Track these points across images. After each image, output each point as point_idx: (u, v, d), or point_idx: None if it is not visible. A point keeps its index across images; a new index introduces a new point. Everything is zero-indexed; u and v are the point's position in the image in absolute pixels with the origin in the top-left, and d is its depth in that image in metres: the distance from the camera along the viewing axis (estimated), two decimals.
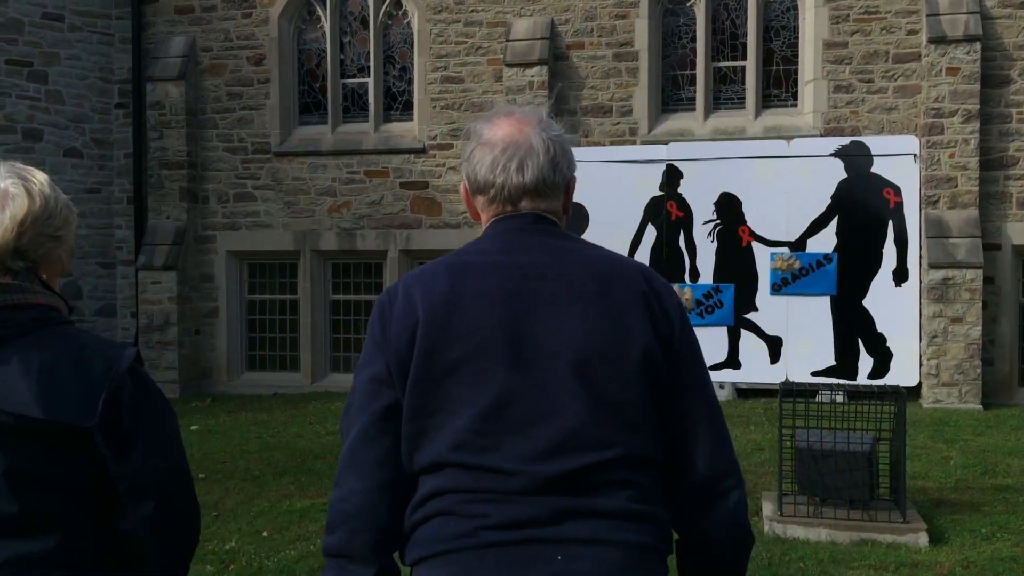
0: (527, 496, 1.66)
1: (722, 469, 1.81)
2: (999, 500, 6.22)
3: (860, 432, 5.91)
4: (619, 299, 1.76)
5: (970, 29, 10.39)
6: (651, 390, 1.75)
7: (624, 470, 1.71)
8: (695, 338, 1.85)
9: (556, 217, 1.89)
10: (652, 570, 1.71)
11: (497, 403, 1.69)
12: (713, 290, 11.17)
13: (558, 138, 1.88)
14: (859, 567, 5.01)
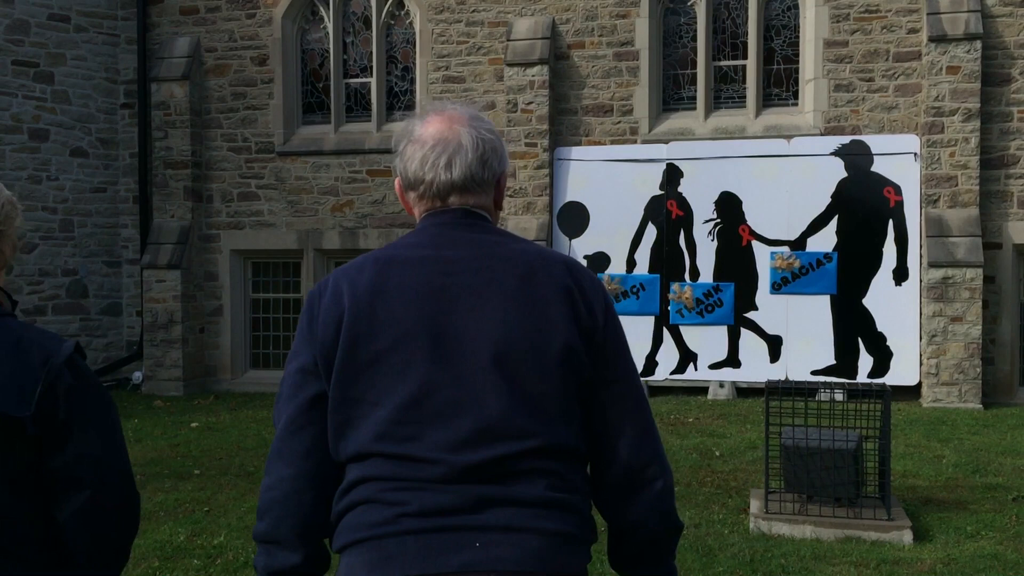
0: (447, 484, 1.70)
1: (645, 459, 1.85)
2: (987, 499, 6.23)
3: (845, 430, 5.87)
4: (542, 293, 1.79)
5: (971, 28, 10.37)
6: (573, 382, 1.79)
7: (544, 459, 1.75)
8: (621, 332, 1.88)
9: (487, 212, 1.93)
10: (571, 557, 1.74)
11: (418, 394, 1.73)
12: (713, 289, 11.22)
13: (489, 135, 1.91)
14: (840, 564, 5.03)
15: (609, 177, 11.49)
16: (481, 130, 1.91)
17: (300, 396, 1.80)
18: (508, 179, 10.72)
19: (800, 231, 10.98)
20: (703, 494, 6.50)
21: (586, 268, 1.91)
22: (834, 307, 10.88)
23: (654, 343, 11.27)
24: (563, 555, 1.73)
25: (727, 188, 11.19)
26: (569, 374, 1.78)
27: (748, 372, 10.92)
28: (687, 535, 5.55)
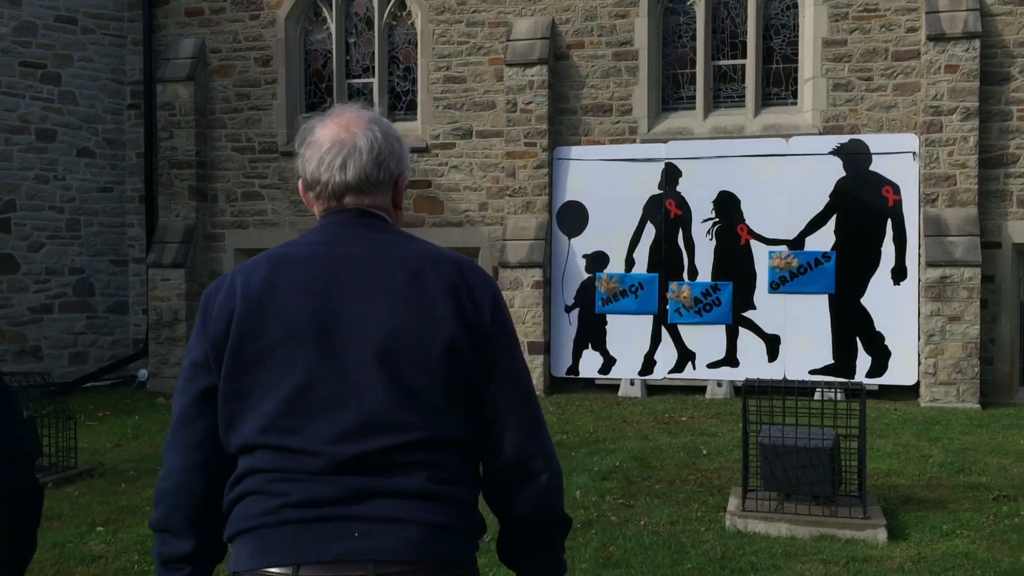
0: (328, 476, 1.76)
1: (531, 452, 1.90)
2: (968, 498, 6.23)
3: (822, 428, 5.89)
4: (428, 290, 1.85)
5: (969, 26, 10.33)
6: (458, 377, 1.84)
7: (425, 452, 1.80)
8: (509, 329, 1.93)
9: (384, 212, 1.99)
10: (451, 548, 1.79)
11: (303, 387, 1.79)
12: (711, 288, 11.23)
13: (387, 137, 1.97)
14: (810, 561, 5.05)
15: (608, 177, 11.52)
16: (378, 133, 1.96)
17: (192, 389, 1.86)
18: (508, 178, 10.77)
19: (798, 230, 10.98)
20: (684, 492, 6.53)
21: (479, 268, 1.96)
22: (832, 306, 10.86)
23: (652, 342, 11.30)
24: (442, 545, 1.78)
25: (726, 187, 11.20)
26: (453, 369, 1.83)
27: (746, 371, 10.88)
28: (661, 532, 5.60)
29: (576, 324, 11.52)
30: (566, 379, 11.52)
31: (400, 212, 2.06)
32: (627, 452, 7.71)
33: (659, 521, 5.83)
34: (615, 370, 11.38)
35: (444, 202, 12.10)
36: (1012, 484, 6.53)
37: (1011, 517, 5.77)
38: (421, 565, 1.75)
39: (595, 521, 5.84)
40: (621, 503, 6.26)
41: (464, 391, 1.86)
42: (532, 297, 11.32)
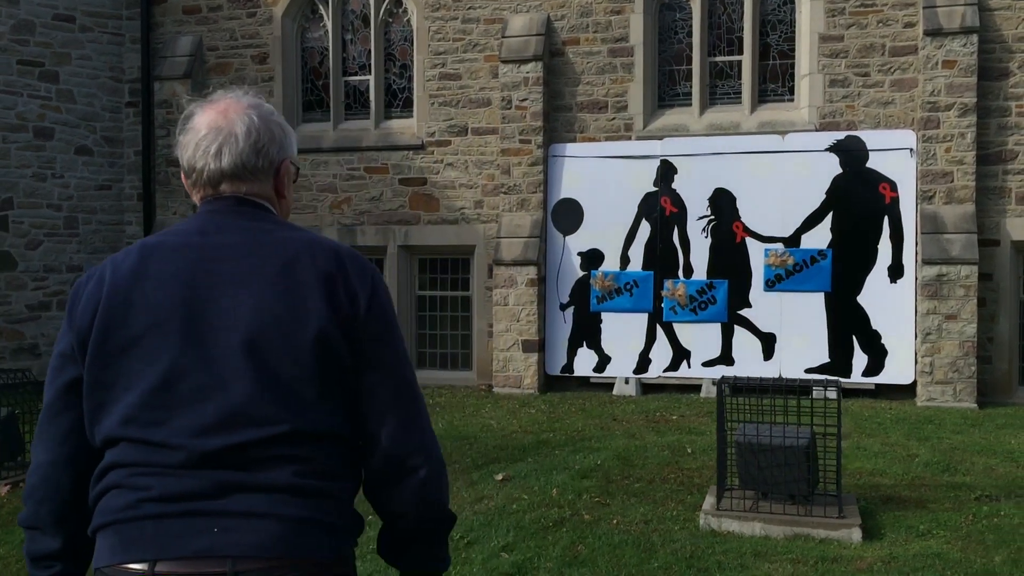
0: (190, 470, 1.72)
1: (409, 447, 1.84)
2: (949, 498, 6.13)
3: (797, 427, 5.81)
4: (301, 280, 1.80)
5: (967, 21, 10.20)
6: (331, 369, 1.79)
7: (292, 446, 1.75)
8: (388, 321, 1.87)
9: (266, 200, 1.94)
10: (318, 543, 1.74)
11: (167, 379, 1.74)
12: (707, 286, 11.15)
13: (267, 123, 1.92)
14: (779, 561, 4.98)
15: (603, 174, 11.45)
16: (256, 119, 1.91)
17: (58, 381, 1.83)
18: (503, 176, 10.72)
19: (794, 228, 10.88)
20: (663, 491, 6.46)
21: (361, 258, 1.90)
22: (828, 305, 10.76)
23: (647, 340, 11.22)
24: (307, 541, 1.73)
25: (721, 184, 11.11)
26: (325, 361, 1.78)
27: (742, 370, 10.81)
28: (632, 531, 5.54)
29: (571, 322, 11.46)
30: (561, 377, 11.46)
31: (285, 200, 2.01)
32: (611, 451, 7.64)
33: (632, 520, 5.77)
34: (610, 368, 11.32)
35: (439, 199, 12.06)
36: (996, 484, 6.43)
37: (990, 517, 5.68)
38: (283, 561, 1.70)
39: (567, 520, 5.78)
40: (597, 501, 6.20)
41: (338, 383, 1.81)
42: (527, 295, 11.27)
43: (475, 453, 7.67)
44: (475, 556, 5.10)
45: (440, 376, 12.18)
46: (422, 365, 12.36)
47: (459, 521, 5.73)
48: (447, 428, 8.82)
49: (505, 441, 8.17)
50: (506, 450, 7.76)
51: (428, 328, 12.39)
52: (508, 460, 7.37)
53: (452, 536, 5.43)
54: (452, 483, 6.66)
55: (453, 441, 8.14)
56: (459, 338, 12.29)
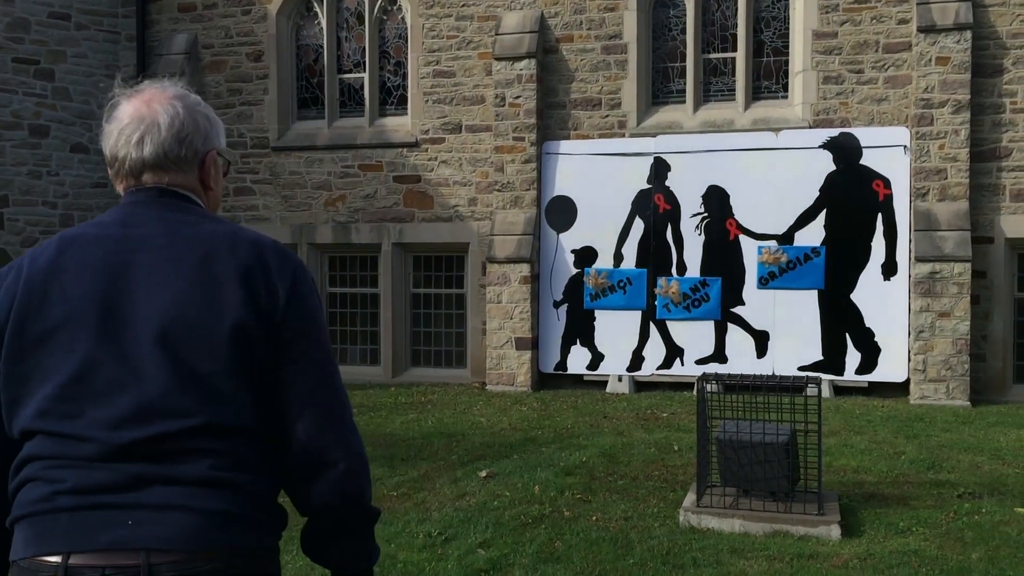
0: (103, 463, 1.70)
1: (326, 441, 1.82)
2: (931, 495, 6.10)
3: (776, 423, 5.80)
4: (218, 272, 1.78)
5: (960, 17, 10.16)
6: (248, 362, 1.77)
7: (208, 439, 1.74)
8: (309, 314, 1.85)
9: (190, 191, 1.93)
10: (233, 536, 1.72)
11: (81, 372, 1.73)
12: (700, 283, 11.13)
13: (191, 114, 1.92)
14: (755, 557, 4.96)
15: (597, 171, 11.44)
16: (180, 109, 1.91)
17: None
18: (496, 173, 10.72)
19: (788, 225, 10.85)
20: (646, 488, 6.45)
21: (284, 251, 1.88)
22: (822, 302, 10.73)
23: (641, 338, 11.21)
24: (222, 534, 1.71)
25: (715, 182, 11.09)
26: (241, 354, 1.76)
27: (735, 368, 10.78)
28: (611, 528, 5.53)
29: (564, 320, 11.45)
30: (554, 375, 11.45)
31: (212, 192, 2.00)
32: (598, 448, 7.63)
33: (612, 517, 5.76)
34: (603, 366, 11.30)
35: (434, 197, 12.06)
36: (980, 482, 6.40)
37: (971, 515, 5.66)
38: (198, 554, 1.69)
39: (547, 516, 5.77)
40: (579, 498, 6.19)
41: (255, 377, 1.79)
42: (520, 292, 11.26)
43: (461, 450, 7.67)
44: (451, 552, 5.09)
45: (434, 374, 12.18)
46: (416, 363, 12.37)
47: (438, 518, 5.74)
48: (436, 425, 8.82)
49: (493, 438, 8.17)
50: (493, 447, 7.76)
51: (423, 326, 12.39)
52: (494, 457, 7.37)
53: (429, 533, 5.43)
54: (436, 480, 6.68)
55: (440, 438, 8.14)
56: (453, 336, 12.29)
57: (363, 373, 12.34)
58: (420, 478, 6.75)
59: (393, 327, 12.25)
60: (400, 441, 8.05)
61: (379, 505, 1.96)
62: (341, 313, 12.64)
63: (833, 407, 9.66)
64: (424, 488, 6.49)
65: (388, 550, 5.13)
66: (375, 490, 6.30)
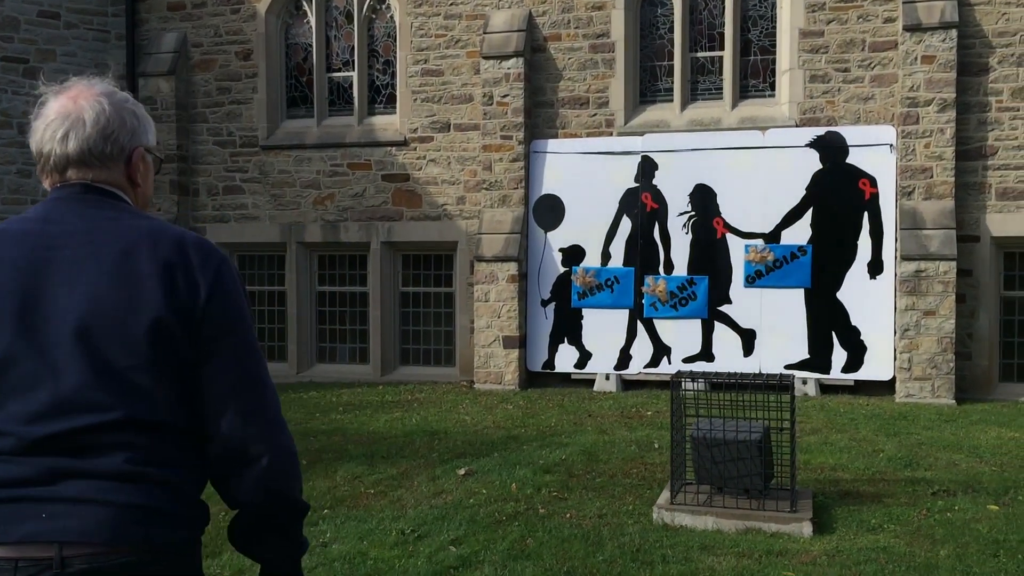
0: (21, 456, 1.73)
1: (249, 436, 1.84)
2: (906, 492, 6.12)
3: (749, 421, 5.81)
4: (138, 269, 1.80)
5: (946, 16, 10.17)
6: (167, 357, 1.79)
7: (125, 433, 1.75)
8: (231, 310, 1.86)
9: (116, 187, 1.94)
10: (150, 530, 1.74)
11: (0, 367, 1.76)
12: (687, 282, 11.14)
13: (118, 110, 1.93)
14: (725, 554, 4.98)
15: (584, 170, 11.45)
16: (107, 105, 1.92)
17: None
18: (484, 172, 10.71)
19: (775, 224, 10.86)
20: (623, 486, 6.46)
21: (209, 248, 1.89)
22: (808, 301, 10.74)
23: (628, 337, 11.22)
24: (139, 527, 1.73)
25: (702, 180, 11.10)
26: (160, 350, 1.78)
27: (722, 366, 10.80)
28: (584, 525, 5.54)
29: (552, 318, 11.47)
30: (542, 374, 11.47)
31: (140, 189, 2.01)
32: (579, 446, 7.64)
33: (586, 514, 5.78)
34: (591, 365, 11.32)
35: (422, 196, 12.07)
36: (955, 479, 6.41)
37: (944, 512, 5.67)
38: (113, 548, 1.70)
39: (522, 514, 5.79)
40: (555, 496, 6.20)
41: (176, 372, 1.81)
42: (508, 291, 11.27)
43: (442, 448, 7.68)
44: (422, 549, 5.10)
45: (423, 372, 12.20)
46: (406, 362, 12.38)
47: (414, 515, 5.75)
48: (420, 424, 8.84)
49: (475, 437, 8.18)
50: (474, 445, 7.77)
51: (412, 324, 12.41)
52: (474, 455, 7.38)
53: (402, 530, 5.45)
54: (414, 478, 6.68)
55: (423, 437, 8.15)
56: (442, 334, 12.31)
57: (352, 372, 12.37)
58: (399, 476, 6.76)
59: (382, 326, 12.26)
60: (382, 439, 8.07)
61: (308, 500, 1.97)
62: (330, 312, 12.66)
63: (818, 405, 9.69)
64: (402, 486, 6.51)
65: (360, 547, 5.15)
66: (352, 487, 6.35)
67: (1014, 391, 10.36)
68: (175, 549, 1.79)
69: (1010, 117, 10.26)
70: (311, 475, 6.80)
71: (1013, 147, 10.26)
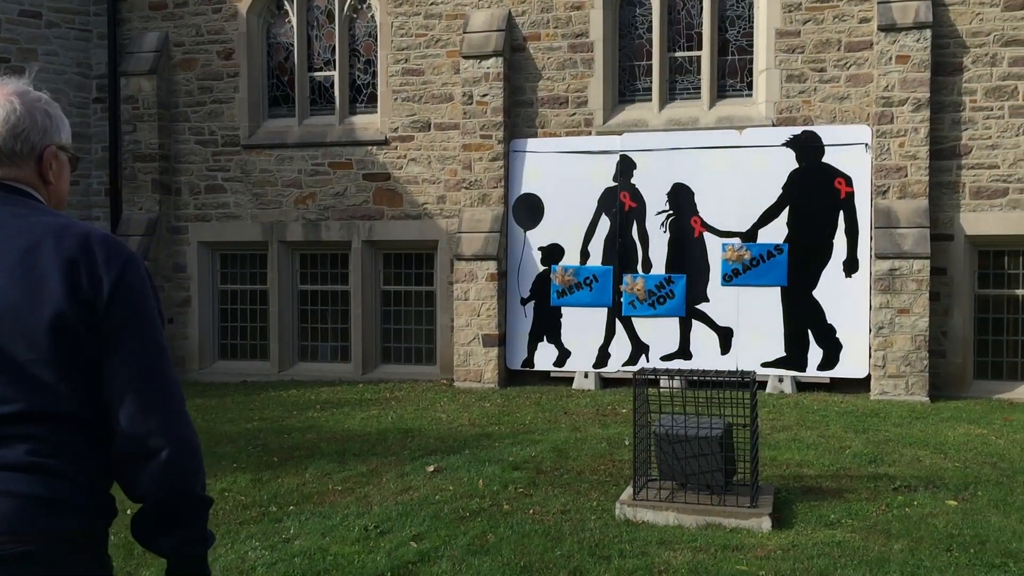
0: None
1: (148, 430, 1.88)
2: (867, 488, 6.18)
3: (710, 417, 5.87)
4: (42, 264, 1.85)
5: (920, 16, 10.24)
6: (69, 352, 1.84)
7: (27, 425, 1.80)
8: (135, 305, 1.91)
9: (27, 185, 1.99)
10: (50, 521, 1.79)
11: None
12: (665, 280, 11.20)
13: (30, 109, 1.98)
14: (682, 549, 5.04)
15: (563, 169, 11.50)
16: (18, 104, 1.97)
17: None
18: (464, 171, 10.76)
19: (752, 223, 10.92)
20: (590, 482, 6.52)
21: (115, 244, 1.93)
22: (784, 299, 10.81)
23: (607, 335, 11.28)
24: (39, 518, 1.77)
25: (680, 179, 11.16)
26: (62, 345, 1.83)
27: (699, 364, 10.85)
28: (546, 521, 5.60)
29: (531, 317, 11.52)
30: (522, 372, 11.52)
31: (53, 187, 2.05)
32: (550, 443, 7.70)
33: (550, 510, 5.83)
34: (570, 363, 11.37)
35: (403, 195, 12.12)
36: (918, 475, 6.48)
37: (903, 507, 5.74)
38: (14, 536, 1.75)
39: (485, 510, 5.84)
40: (521, 492, 6.26)
41: (79, 366, 1.85)
42: (487, 290, 11.32)
43: (414, 445, 7.73)
44: (383, 545, 5.15)
45: (404, 371, 12.24)
46: (387, 360, 12.43)
47: (378, 511, 5.80)
48: (395, 422, 8.89)
49: (449, 434, 8.23)
50: (446, 443, 7.82)
51: (393, 323, 12.45)
52: (445, 452, 7.43)
53: (366, 526, 5.50)
54: (383, 475, 6.74)
55: (396, 434, 8.20)
56: (423, 333, 12.36)
57: (334, 370, 12.41)
58: (368, 473, 6.81)
59: (363, 324, 12.31)
60: (356, 437, 8.12)
61: (211, 494, 2.01)
62: (312, 311, 12.70)
63: (793, 403, 9.76)
64: (370, 483, 6.56)
65: (321, 543, 5.20)
66: (321, 484, 6.40)
67: (988, 388, 10.44)
68: (78, 540, 1.84)
69: (984, 117, 10.33)
70: (281, 472, 6.85)
71: (987, 146, 10.33)
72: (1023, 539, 5.13)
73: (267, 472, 6.87)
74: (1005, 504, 5.81)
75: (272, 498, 6.18)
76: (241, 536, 5.36)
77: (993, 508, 5.73)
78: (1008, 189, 10.31)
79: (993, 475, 6.52)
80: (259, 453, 7.55)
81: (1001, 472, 6.61)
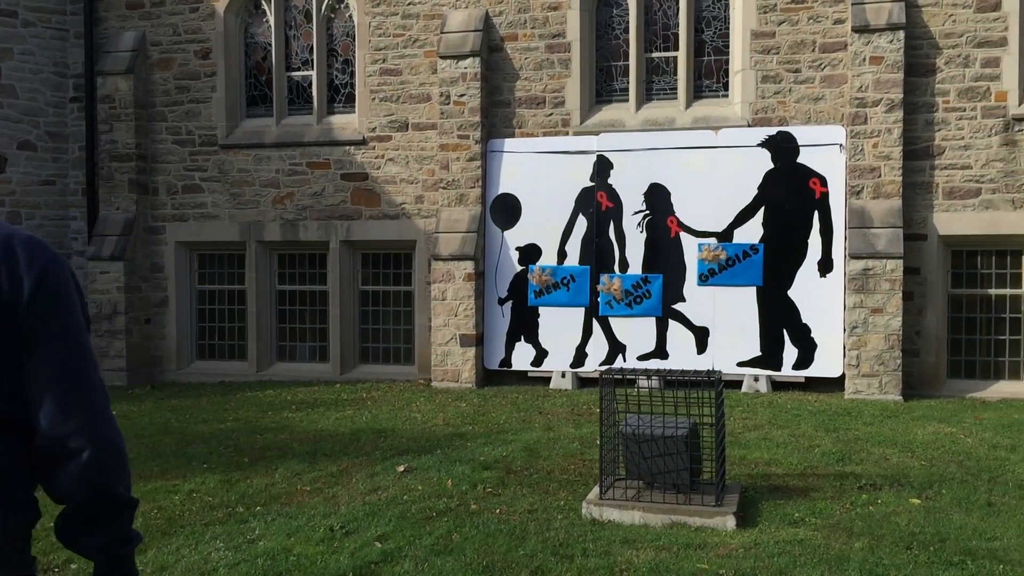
0: None
1: (69, 430, 1.87)
2: (833, 487, 6.22)
3: (676, 417, 5.90)
4: None
5: (893, 17, 10.30)
6: None
7: None
8: (57, 305, 1.91)
9: None
10: None
11: None
12: (642, 280, 11.24)
13: None
14: (645, 548, 5.06)
15: (541, 169, 11.52)
16: None
17: None
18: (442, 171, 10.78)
19: (727, 223, 10.97)
20: (559, 481, 6.54)
21: (38, 245, 1.92)
22: (760, 299, 10.85)
23: (584, 335, 11.30)
24: None
25: (656, 180, 11.19)
26: None
27: (676, 363, 10.91)
28: (511, 520, 5.61)
29: (509, 316, 11.54)
30: (500, 372, 11.53)
31: None
32: (522, 443, 7.72)
33: (517, 510, 5.85)
34: (547, 362, 11.40)
35: (381, 195, 12.11)
36: (884, 474, 6.53)
37: (866, 506, 5.78)
38: None
39: (452, 510, 5.85)
40: (489, 492, 6.27)
41: (4, 367, 1.86)
42: (464, 289, 11.33)
43: (386, 446, 7.74)
44: (348, 545, 5.16)
45: (382, 371, 12.24)
46: (365, 360, 12.43)
47: (345, 512, 5.80)
48: (369, 422, 8.89)
49: (422, 434, 8.24)
50: (419, 442, 7.83)
51: (371, 323, 12.45)
52: (417, 452, 7.44)
53: (331, 526, 5.50)
54: (353, 475, 6.74)
55: (369, 434, 8.21)
56: (401, 333, 12.36)
57: (312, 370, 12.41)
58: (338, 473, 6.81)
59: (341, 324, 12.30)
60: (328, 437, 8.12)
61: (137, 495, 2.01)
62: (290, 311, 12.69)
63: (767, 402, 9.80)
64: (339, 483, 6.56)
65: (286, 543, 5.20)
66: (290, 485, 6.39)
67: (961, 387, 10.51)
68: (7, 538, 1.84)
69: (957, 117, 10.40)
70: (251, 473, 6.85)
71: (960, 147, 10.40)
72: (983, 537, 5.18)
73: (237, 473, 6.87)
74: (968, 502, 5.86)
75: (240, 499, 6.18)
76: (206, 537, 5.36)
77: (956, 506, 5.78)
78: (981, 189, 10.38)
79: (959, 473, 6.58)
80: (230, 453, 7.54)
81: (967, 471, 6.66)
